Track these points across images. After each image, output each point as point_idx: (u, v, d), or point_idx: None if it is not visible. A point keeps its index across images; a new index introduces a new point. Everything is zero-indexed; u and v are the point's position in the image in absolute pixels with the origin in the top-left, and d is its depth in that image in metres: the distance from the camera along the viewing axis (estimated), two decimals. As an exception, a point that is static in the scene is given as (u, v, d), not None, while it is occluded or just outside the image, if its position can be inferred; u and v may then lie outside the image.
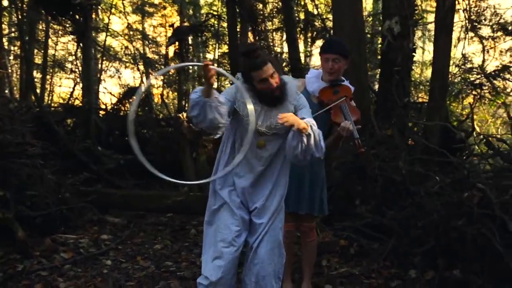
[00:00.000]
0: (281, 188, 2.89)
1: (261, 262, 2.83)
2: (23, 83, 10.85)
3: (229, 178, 2.85)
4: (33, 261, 4.14)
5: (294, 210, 3.39)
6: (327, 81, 3.28)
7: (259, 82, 2.64)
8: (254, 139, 2.73)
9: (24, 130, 5.40)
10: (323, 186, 3.44)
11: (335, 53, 3.21)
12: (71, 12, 6.62)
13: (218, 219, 2.83)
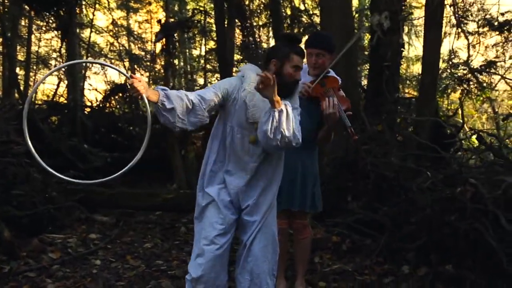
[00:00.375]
0: (274, 185, 2.84)
1: (255, 259, 2.79)
2: (5, 80, 10.66)
3: (218, 175, 2.79)
4: (20, 262, 4.04)
5: (287, 206, 3.35)
6: (312, 75, 3.27)
7: (292, 67, 2.61)
8: (246, 134, 2.69)
9: (8, 128, 5.27)
10: (315, 181, 3.40)
11: (319, 47, 3.20)
12: (55, 7, 6.48)
13: (205, 217, 2.79)
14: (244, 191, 2.77)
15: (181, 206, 5.81)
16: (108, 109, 10.00)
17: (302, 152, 3.30)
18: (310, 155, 3.36)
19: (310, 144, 3.30)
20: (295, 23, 9.68)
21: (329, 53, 3.22)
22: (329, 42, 3.27)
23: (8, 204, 4.51)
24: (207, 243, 2.69)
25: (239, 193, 2.77)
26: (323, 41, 3.26)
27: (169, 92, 2.46)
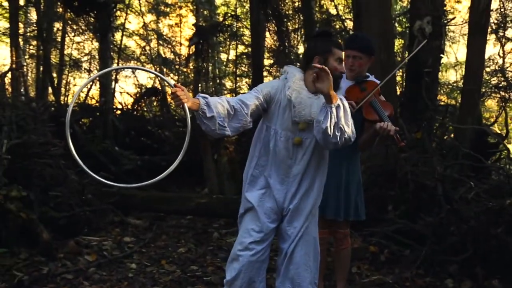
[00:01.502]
0: (316, 191, 2.76)
1: (297, 267, 2.72)
2: (39, 82, 10.84)
3: (260, 180, 2.75)
4: (58, 264, 4.06)
5: (333, 217, 3.27)
6: (350, 78, 3.18)
7: (336, 60, 2.59)
8: (290, 136, 2.66)
9: (45, 129, 5.32)
10: (359, 189, 3.31)
11: (356, 49, 3.13)
12: (95, 10, 6.56)
13: (243, 221, 2.78)
14: (285, 195, 2.72)
15: (213, 211, 5.78)
16: (138, 112, 10.06)
17: (345, 159, 3.23)
18: (353, 162, 3.28)
19: (353, 150, 3.22)
20: (328, 28, 9.59)
21: (367, 56, 3.14)
22: (367, 44, 3.18)
23: (46, 206, 4.53)
24: (242, 249, 2.69)
25: (280, 198, 2.72)
26: (361, 43, 3.18)
27: (210, 99, 2.44)
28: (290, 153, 2.68)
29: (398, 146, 2.95)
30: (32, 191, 4.39)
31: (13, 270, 3.79)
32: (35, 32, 11.58)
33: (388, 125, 2.87)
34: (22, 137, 4.69)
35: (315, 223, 2.81)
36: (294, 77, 2.61)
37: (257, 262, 2.69)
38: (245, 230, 2.73)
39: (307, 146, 2.68)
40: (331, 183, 3.23)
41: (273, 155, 2.70)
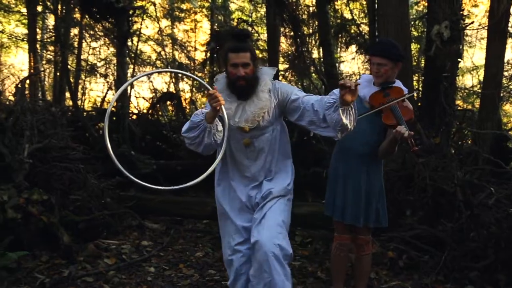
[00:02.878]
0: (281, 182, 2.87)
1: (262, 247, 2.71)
2: (56, 87, 10.97)
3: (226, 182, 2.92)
4: (78, 267, 4.10)
5: (352, 222, 3.26)
6: (377, 84, 3.18)
7: (230, 66, 2.68)
8: (240, 138, 2.80)
9: (65, 134, 5.38)
10: (379, 196, 3.29)
11: (379, 56, 3.13)
12: (115, 16, 6.64)
13: (223, 226, 2.97)
14: (248, 194, 2.86)
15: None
16: (154, 117, 10.12)
17: (366, 165, 3.23)
18: (374, 168, 3.27)
19: (374, 157, 3.21)
20: (342, 33, 9.59)
21: (392, 62, 3.13)
22: (391, 50, 3.16)
23: (65, 209, 4.58)
24: (231, 253, 2.89)
25: (244, 197, 2.86)
26: (384, 49, 3.17)
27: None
28: (244, 154, 2.83)
29: (411, 150, 2.92)
30: (53, 195, 4.44)
31: (35, 273, 3.85)
32: (52, 38, 11.73)
33: (403, 128, 2.88)
34: (43, 142, 4.76)
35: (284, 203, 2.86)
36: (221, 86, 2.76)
37: (248, 260, 2.83)
38: (227, 234, 2.93)
39: (258, 144, 2.81)
40: (351, 189, 3.23)
41: (231, 158, 2.86)
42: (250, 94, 2.71)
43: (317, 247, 4.96)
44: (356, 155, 3.22)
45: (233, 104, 2.73)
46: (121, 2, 6.37)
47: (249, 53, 2.66)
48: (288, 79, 10.53)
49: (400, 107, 3.02)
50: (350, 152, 3.26)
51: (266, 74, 2.78)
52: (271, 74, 2.80)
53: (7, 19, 14.31)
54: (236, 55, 2.65)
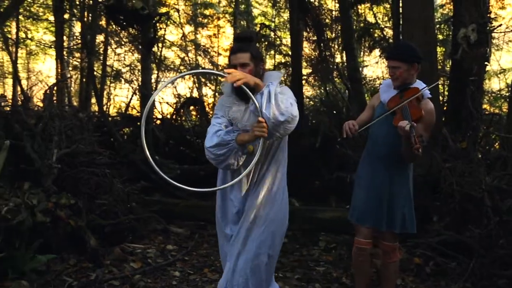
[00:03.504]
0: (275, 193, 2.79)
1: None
2: (82, 93, 11.16)
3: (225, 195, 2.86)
4: (104, 270, 4.16)
5: (372, 225, 3.24)
6: (395, 88, 3.19)
7: (230, 67, 2.62)
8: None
9: (92, 139, 5.47)
10: (406, 201, 3.24)
11: (393, 59, 3.14)
12: (140, 23, 6.74)
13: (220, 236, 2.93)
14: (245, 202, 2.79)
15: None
16: (177, 122, 10.20)
17: (390, 170, 3.20)
18: (400, 173, 3.23)
19: (400, 161, 3.18)
20: (366, 37, 9.54)
21: (407, 64, 3.11)
22: (405, 52, 3.16)
23: (92, 213, 4.65)
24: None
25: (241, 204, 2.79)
26: (398, 52, 3.18)
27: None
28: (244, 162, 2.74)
29: (413, 148, 2.81)
30: (80, 199, 4.52)
31: (63, 276, 3.93)
32: (79, 45, 11.95)
33: (404, 123, 2.86)
34: (71, 147, 4.84)
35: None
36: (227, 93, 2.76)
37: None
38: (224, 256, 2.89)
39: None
40: (373, 192, 3.21)
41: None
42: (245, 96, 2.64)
43: (342, 252, 4.93)
44: (379, 158, 3.21)
45: (242, 106, 2.69)
46: (146, 9, 6.46)
47: (248, 54, 2.62)
48: (311, 84, 10.52)
49: (411, 107, 3.00)
50: (373, 156, 3.26)
51: (272, 78, 2.70)
52: (278, 77, 2.73)
53: (36, 27, 14.67)
54: (234, 56, 2.64)
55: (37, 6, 13.20)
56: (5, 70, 15.13)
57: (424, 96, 3.13)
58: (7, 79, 15.73)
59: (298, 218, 5.75)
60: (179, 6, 13.61)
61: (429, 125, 3.11)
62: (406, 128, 2.83)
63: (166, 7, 12.12)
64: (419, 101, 3.08)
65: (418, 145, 2.78)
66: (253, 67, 2.62)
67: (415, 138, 2.79)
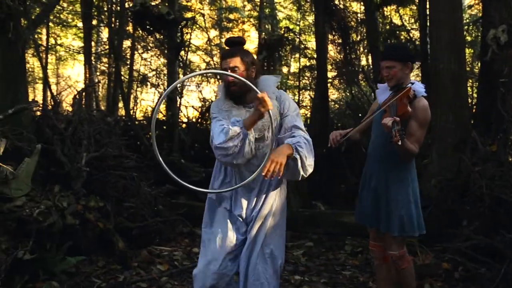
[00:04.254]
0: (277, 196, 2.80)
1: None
2: (109, 98, 11.35)
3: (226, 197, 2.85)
4: (132, 272, 4.22)
5: (372, 225, 3.23)
6: (390, 88, 3.17)
7: (224, 70, 2.64)
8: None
9: (119, 143, 5.56)
10: (403, 205, 3.10)
11: (387, 59, 3.12)
12: (166, 28, 6.84)
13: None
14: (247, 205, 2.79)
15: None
16: (203, 126, 10.29)
17: (388, 171, 3.15)
18: (398, 174, 3.14)
19: (397, 162, 3.12)
20: (392, 39, 9.45)
21: (401, 63, 3.09)
22: (398, 52, 3.17)
23: (120, 216, 4.72)
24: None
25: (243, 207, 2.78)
26: (391, 52, 3.18)
27: None
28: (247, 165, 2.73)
29: (391, 140, 2.80)
30: (108, 202, 4.59)
31: (92, 277, 3.99)
32: (106, 50, 12.17)
33: (387, 119, 2.85)
34: (99, 150, 4.93)
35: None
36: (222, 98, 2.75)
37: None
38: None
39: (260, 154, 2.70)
40: (371, 194, 3.21)
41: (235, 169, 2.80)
42: (240, 99, 2.68)
43: (368, 257, 4.88)
44: (376, 159, 3.21)
45: (242, 110, 2.69)
46: (172, 14, 6.54)
47: (238, 58, 2.63)
48: (337, 87, 10.47)
49: (399, 104, 2.97)
50: (372, 157, 3.26)
51: (269, 81, 2.73)
52: (275, 81, 2.75)
53: (65, 33, 15.00)
54: (224, 61, 2.65)
55: (67, 13, 13.50)
56: (36, 75, 15.49)
57: (418, 95, 3.09)
58: (37, 84, 16.11)
59: (324, 222, 5.73)
60: (204, 10, 13.74)
61: (423, 122, 3.08)
62: (388, 123, 2.82)
63: (192, 12, 12.25)
64: (410, 99, 3.05)
65: (397, 138, 2.76)
66: (244, 70, 2.64)
67: (396, 131, 2.77)
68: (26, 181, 3.98)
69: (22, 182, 3.91)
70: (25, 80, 5.43)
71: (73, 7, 13.37)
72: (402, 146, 2.83)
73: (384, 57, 3.17)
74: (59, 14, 13.04)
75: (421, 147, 3.13)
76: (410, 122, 3.02)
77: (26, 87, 5.62)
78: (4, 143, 3.88)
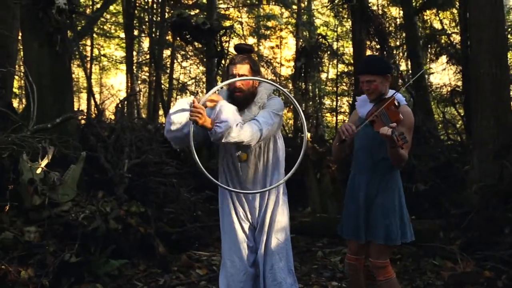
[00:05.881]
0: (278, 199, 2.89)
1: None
2: (150, 105, 11.66)
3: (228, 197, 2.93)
4: (172, 276, 4.32)
5: (351, 236, 3.20)
6: (371, 101, 3.16)
7: (228, 77, 2.71)
8: (234, 155, 2.79)
9: (160, 150, 5.71)
10: (389, 213, 3.06)
11: (367, 73, 3.09)
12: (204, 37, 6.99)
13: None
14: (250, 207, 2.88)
15: (316, 230, 5.80)
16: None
17: (373, 180, 3.11)
18: (384, 184, 3.11)
19: (383, 172, 3.11)
20: (431, 43, 9.32)
21: (380, 76, 3.07)
22: (377, 65, 3.13)
23: (160, 221, 4.85)
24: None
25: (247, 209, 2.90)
26: (370, 66, 3.14)
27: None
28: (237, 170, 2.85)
29: (397, 146, 2.80)
30: (149, 207, 4.73)
31: (134, 280, 4.12)
32: (147, 60, 12.51)
33: (385, 129, 2.83)
34: (141, 157, 5.09)
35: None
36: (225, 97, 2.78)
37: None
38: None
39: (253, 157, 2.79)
40: (353, 205, 3.18)
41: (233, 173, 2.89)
42: (245, 105, 2.73)
43: (407, 264, 4.83)
44: (361, 170, 3.19)
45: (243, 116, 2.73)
46: (207, 24, 6.67)
47: (248, 66, 2.72)
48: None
49: (389, 112, 2.99)
50: (356, 168, 3.24)
51: (265, 89, 2.79)
52: (269, 89, 2.81)
53: (108, 44, 15.51)
54: (233, 67, 2.72)
55: (110, 24, 13.96)
56: (81, 85, 16.06)
57: (401, 103, 3.09)
58: (82, 93, 16.70)
59: (362, 229, 5.70)
60: (242, 18, 13.93)
61: (411, 127, 3.10)
62: (387, 132, 2.82)
63: (230, 21, 12.44)
64: (397, 107, 3.06)
65: (401, 142, 2.78)
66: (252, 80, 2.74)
67: (397, 137, 2.79)
68: (72, 187, 4.15)
69: (69, 188, 4.09)
70: (71, 91, 5.66)
71: (116, 18, 13.83)
72: (399, 151, 2.86)
73: (363, 71, 3.16)
74: (103, 25, 13.51)
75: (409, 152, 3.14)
76: (398, 129, 3.02)
77: (72, 97, 5.86)
78: (52, 151, 4.06)
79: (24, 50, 5.23)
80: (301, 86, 9.48)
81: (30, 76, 4.64)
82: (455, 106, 8.58)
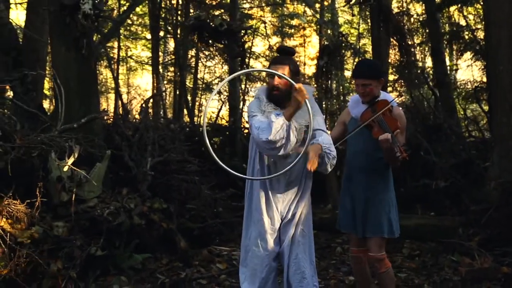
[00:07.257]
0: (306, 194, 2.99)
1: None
2: (175, 105, 11.87)
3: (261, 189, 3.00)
4: (193, 270, 4.48)
5: (351, 231, 3.33)
6: (365, 103, 3.30)
7: (269, 76, 2.85)
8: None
9: (183, 148, 5.87)
10: (384, 208, 3.23)
11: (363, 77, 3.24)
12: (225, 38, 7.12)
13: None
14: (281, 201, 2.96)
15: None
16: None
17: (369, 178, 3.25)
18: (378, 181, 3.26)
19: (378, 171, 3.24)
20: (455, 40, 9.23)
21: (375, 80, 3.23)
22: (372, 69, 3.30)
23: (182, 217, 5.02)
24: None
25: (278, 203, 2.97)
26: (366, 70, 3.29)
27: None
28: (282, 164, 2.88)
29: (401, 158, 2.99)
30: (171, 204, 4.89)
31: (157, 273, 4.29)
32: (172, 60, 12.73)
33: (386, 136, 2.99)
34: (163, 155, 5.26)
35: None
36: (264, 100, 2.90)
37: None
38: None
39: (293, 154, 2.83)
40: (350, 201, 3.29)
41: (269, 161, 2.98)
42: (281, 104, 2.83)
43: (425, 259, 4.87)
44: (357, 169, 3.29)
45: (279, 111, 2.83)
46: (224, 25, 6.79)
47: (287, 67, 2.82)
48: (399, 90, 10.36)
49: (387, 119, 3.13)
50: (351, 167, 3.34)
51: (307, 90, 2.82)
52: (311, 91, 2.91)
53: (134, 45, 15.83)
54: (274, 66, 2.84)
55: (136, 26, 14.26)
56: (109, 86, 16.43)
57: (393, 105, 3.26)
58: (110, 94, 17.08)
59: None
60: (266, 18, 14.02)
61: (404, 128, 3.27)
62: (387, 144, 2.98)
63: (254, 20, 12.55)
64: (391, 112, 3.20)
65: (404, 154, 2.97)
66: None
67: (399, 148, 2.97)
68: (98, 184, 4.34)
69: (94, 185, 4.27)
70: (97, 93, 5.84)
71: (142, 20, 14.11)
72: (397, 156, 3.03)
73: (358, 75, 3.28)
74: (129, 27, 13.81)
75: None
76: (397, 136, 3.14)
77: (97, 98, 6.05)
78: (78, 150, 4.25)
79: (52, 54, 5.44)
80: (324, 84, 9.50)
81: (58, 79, 4.85)
82: (480, 103, 8.50)
